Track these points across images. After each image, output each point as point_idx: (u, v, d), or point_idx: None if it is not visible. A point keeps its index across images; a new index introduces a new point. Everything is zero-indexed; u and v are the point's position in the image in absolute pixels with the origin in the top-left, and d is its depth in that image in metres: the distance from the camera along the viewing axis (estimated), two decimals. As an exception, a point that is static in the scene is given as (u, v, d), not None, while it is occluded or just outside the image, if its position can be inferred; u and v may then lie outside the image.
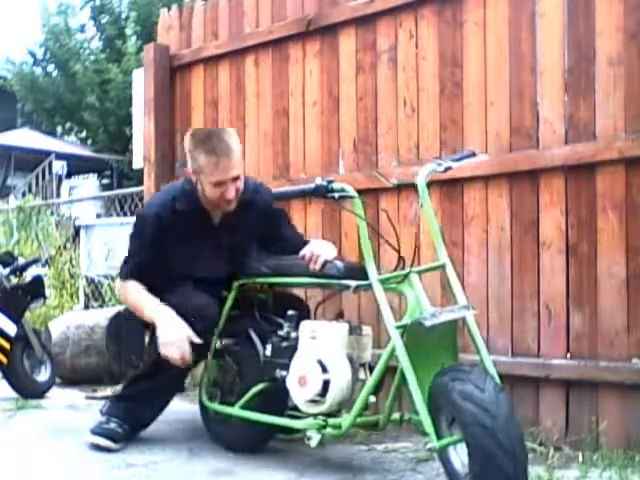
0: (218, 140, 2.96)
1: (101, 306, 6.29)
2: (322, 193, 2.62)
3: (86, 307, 6.56)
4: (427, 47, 3.46)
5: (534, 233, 3.14)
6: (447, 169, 2.72)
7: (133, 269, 3.17)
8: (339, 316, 2.92)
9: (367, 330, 2.80)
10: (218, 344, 3.22)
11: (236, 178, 3.00)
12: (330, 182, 2.61)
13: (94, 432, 3.12)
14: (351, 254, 3.52)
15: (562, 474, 2.69)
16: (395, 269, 2.68)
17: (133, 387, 3.20)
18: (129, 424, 3.14)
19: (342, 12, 3.71)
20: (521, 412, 3.09)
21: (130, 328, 4.77)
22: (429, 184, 3.27)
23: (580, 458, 2.84)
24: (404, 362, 2.41)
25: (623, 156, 2.90)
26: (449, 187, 3.36)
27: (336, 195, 2.63)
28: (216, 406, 3.15)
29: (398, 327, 2.47)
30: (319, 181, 2.62)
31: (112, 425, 3.12)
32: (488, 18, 3.27)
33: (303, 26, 3.84)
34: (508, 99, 3.21)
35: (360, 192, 3.53)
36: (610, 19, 2.95)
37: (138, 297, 3.12)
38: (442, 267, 2.65)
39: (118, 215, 7.58)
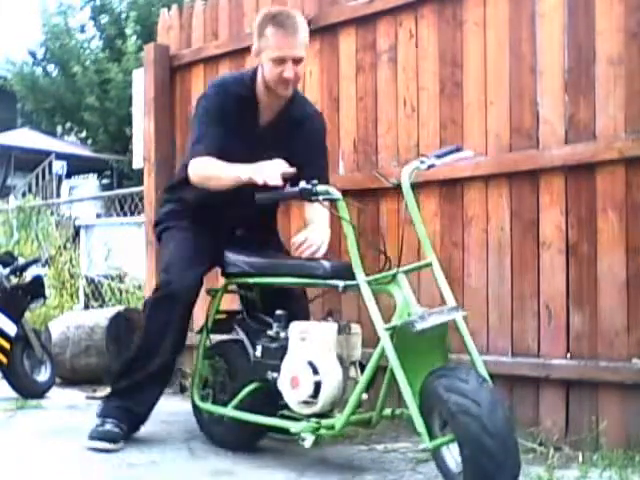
0: (288, 16, 2.97)
1: (101, 306, 6.30)
2: (307, 196, 2.63)
3: (86, 307, 6.56)
4: (427, 47, 3.45)
5: (534, 233, 3.14)
6: (430, 167, 2.72)
7: (202, 150, 3.01)
8: (328, 315, 2.89)
9: (356, 328, 2.80)
10: (208, 343, 3.23)
11: (298, 61, 2.96)
12: (314, 185, 2.61)
13: (91, 437, 3.08)
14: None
15: (562, 474, 2.69)
16: (382, 270, 2.68)
17: (120, 384, 3.18)
18: (125, 422, 3.12)
19: (342, 12, 3.71)
20: (521, 412, 3.09)
21: (130, 328, 4.80)
22: (428, 184, 3.28)
23: (580, 458, 2.84)
24: (394, 363, 2.42)
25: (623, 156, 2.90)
26: (449, 187, 3.36)
27: (320, 198, 2.63)
28: (209, 406, 3.15)
29: (387, 329, 2.48)
30: (303, 184, 2.62)
31: (108, 426, 3.08)
32: (488, 18, 3.27)
33: (303, 26, 3.84)
34: (508, 99, 3.21)
35: (360, 192, 3.57)
36: (610, 19, 2.95)
37: (215, 165, 2.96)
38: (429, 265, 2.66)
39: (118, 215, 7.59)
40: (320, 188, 2.62)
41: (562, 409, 3.04)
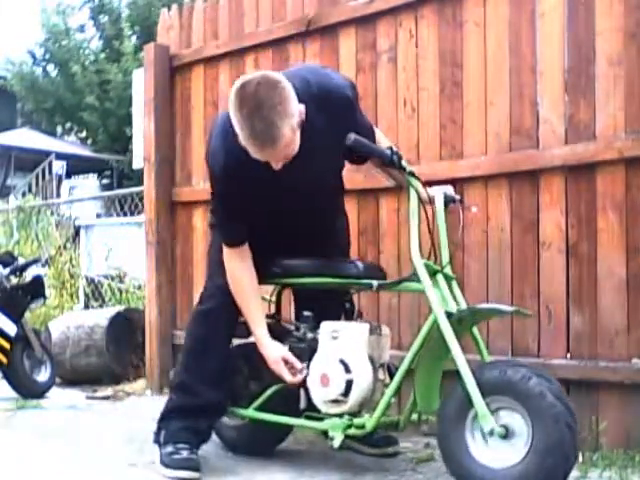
0: (262, 122, 2.39)
1: (101, 306, 6.30)
2: (397, 165, 2.66)
3: (86, 307, 6.57)
4: (427, 47, 3.45)
5: (534, 233, 3.14)
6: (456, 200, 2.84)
7: (226, 232, 2.81)
8: (358, 316, 2.87)
9: (386, 330, 2.77)
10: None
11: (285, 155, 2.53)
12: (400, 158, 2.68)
13: (171, 466, 2.75)
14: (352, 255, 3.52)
15: (562, 474, 2.69)
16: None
17: (176, 404, 2.92)
18: (195, 444, 2.86)
19: (342, 12, 3.71)
20: (521, 412, 3.09)
21: (130, 328, 4.80)
22: (427, 184, 3.27)
23: (580, 458, 2.83)
24: (455, 348, 2.41)
25: (623, 156, 2.90)
26: (449, 187, 3.36)
27: (408, 168, 2.68)
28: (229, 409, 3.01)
29: (448, 313, 2.49)
30: (393, 149, 2.67)
31: (184, 453, 2.78)
32: (488, 18, 3.27)
33: (303, 26, 3.84)
34: (508, 99, 3.21)
35: (360, 192, 3.57)
36: (610, 19, 2.95)
37: (241, 298, 2.81)
38: (451, 279, 2.69)
39: (118, 215, 7.60)
40: (404, 161, 2.69)
41: (562, 409, 3.04)
